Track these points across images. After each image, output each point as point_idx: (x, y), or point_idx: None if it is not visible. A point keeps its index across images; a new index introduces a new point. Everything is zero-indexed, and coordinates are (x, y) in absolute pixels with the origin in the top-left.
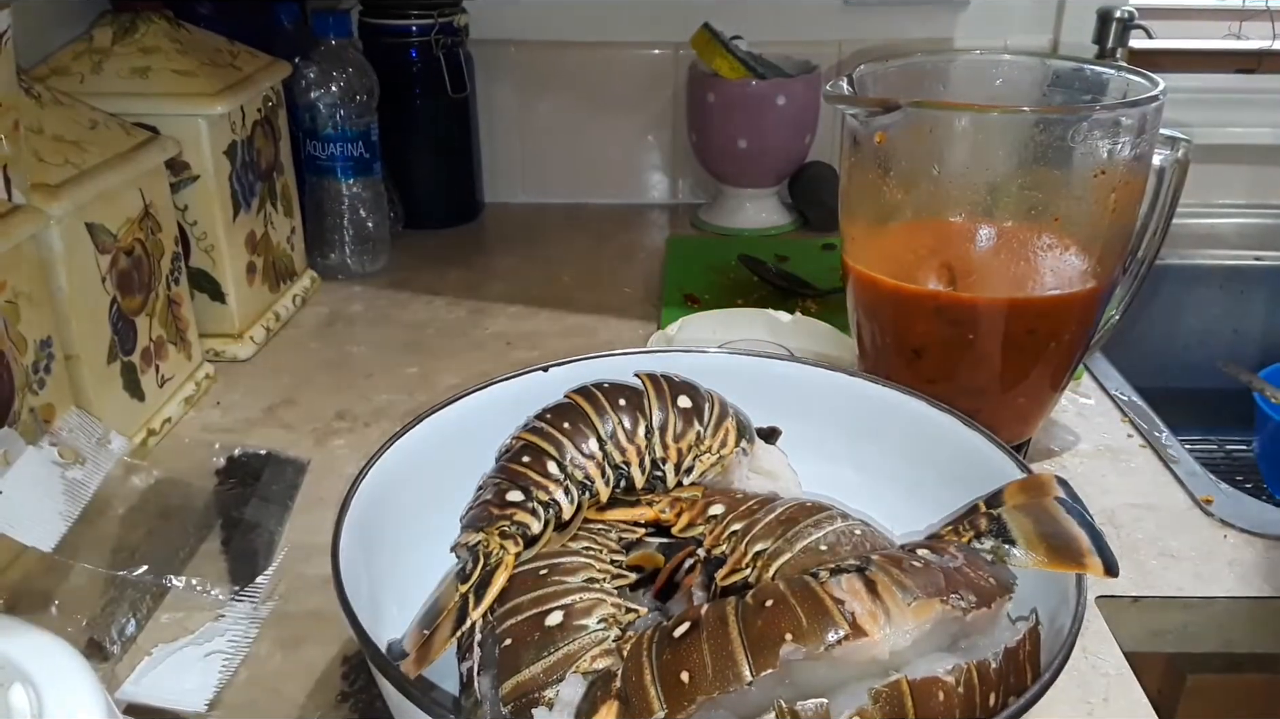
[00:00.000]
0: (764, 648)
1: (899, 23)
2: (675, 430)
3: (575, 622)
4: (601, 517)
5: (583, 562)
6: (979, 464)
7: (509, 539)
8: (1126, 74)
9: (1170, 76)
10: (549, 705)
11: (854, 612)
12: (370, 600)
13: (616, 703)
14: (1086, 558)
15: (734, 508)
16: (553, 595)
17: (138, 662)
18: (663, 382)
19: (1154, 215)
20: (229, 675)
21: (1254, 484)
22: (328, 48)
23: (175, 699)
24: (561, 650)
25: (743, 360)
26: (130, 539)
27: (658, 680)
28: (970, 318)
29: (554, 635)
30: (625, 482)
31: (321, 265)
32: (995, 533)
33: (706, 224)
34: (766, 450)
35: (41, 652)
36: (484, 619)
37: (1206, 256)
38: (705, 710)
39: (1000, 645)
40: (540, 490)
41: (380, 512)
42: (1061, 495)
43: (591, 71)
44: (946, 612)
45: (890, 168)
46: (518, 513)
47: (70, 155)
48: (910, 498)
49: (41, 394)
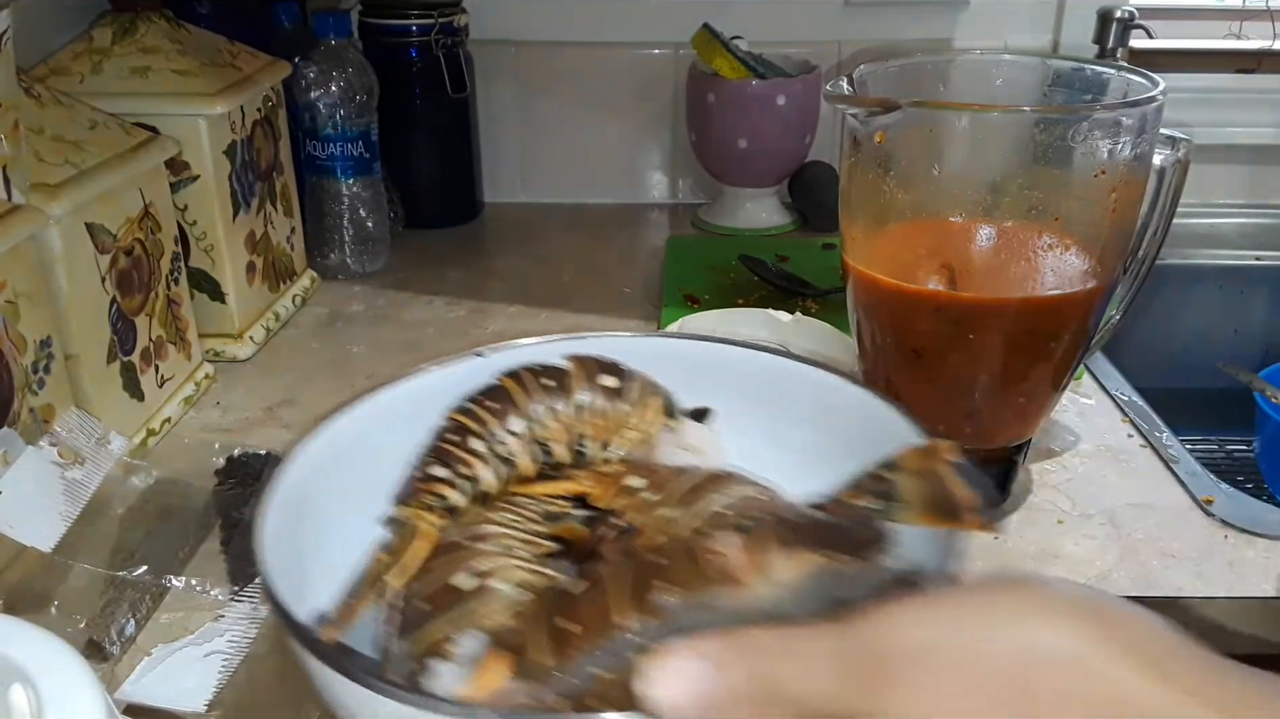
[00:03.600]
0: (642, 597)
1: (899, 23)
2: (599, 409)
3: (485, 583)
4: (527, 490)
5: (501, 531)
6: (888, 433)
7: (431, 511)
8: (1126, 74)
9: (1170, 76)
10: (449, 658)
11: (734, 564)
12: (301, 576)
13: (509, 654)
14: (965, 515)
15: (651, 480)
16: (465, 561)
17: (137, 662)
18: (588, 363)
19: (1154, 215)
20: (228, 676)
21: (1254, 484)
22: (328, 48)
23: (175, 700)
24: (469, 610)
25: (668, 342)
26: (130, 539)
27: (549, 634)
28: (970, 318)
29: (463, 597)
30: (550, 458)
31: (321, 265)
32: (884, 494)
33: (706, 224)
34: (693, 428)
35: (41, 652)
36: (404, 586)
37: (1206, 256)
38: (587, 657)
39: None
40: (464, 466)
41: (316, 492)
42: (955, 459)
43: (591, 71)
44: (822, 563)
45: (890, 168)
46: (441, 487)
47: (70, 155)
48: (824, 468)
49: (41, 394)
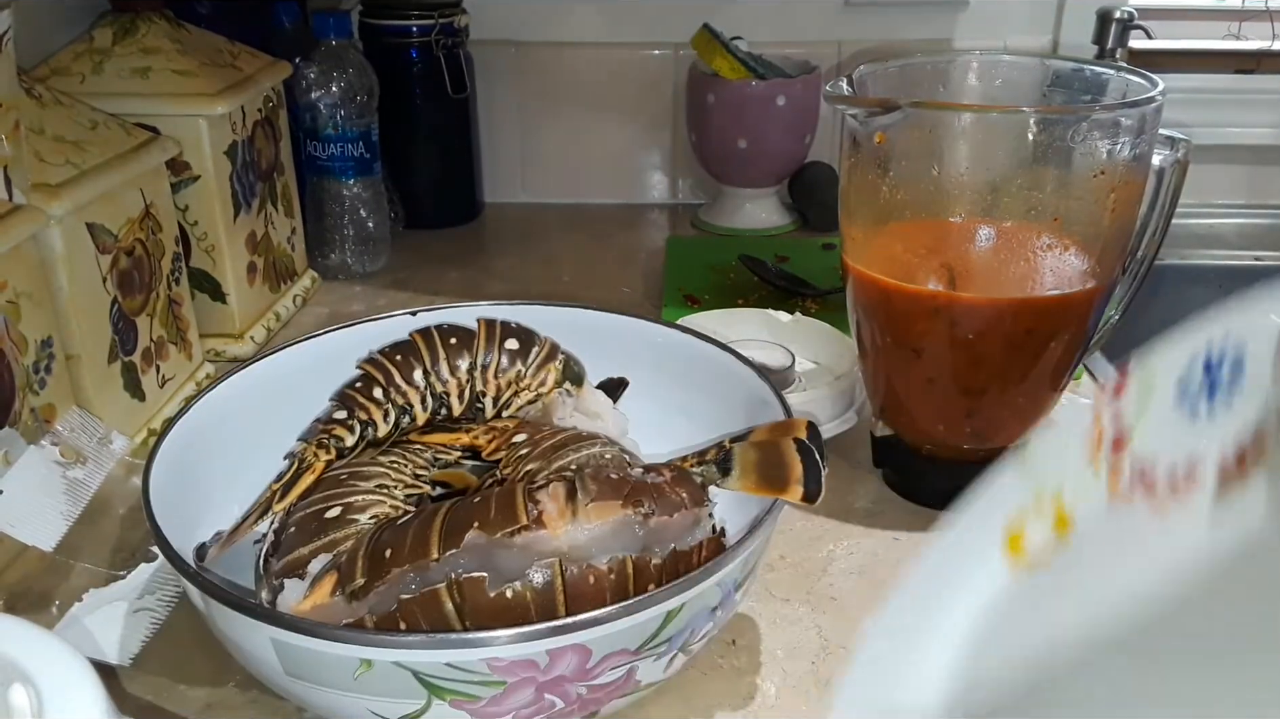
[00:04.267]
0: (454, 533)
1: (899, 23)
2: (498, 368)
3: (350, 515)
4: (422, 439)
5: (381, 471)
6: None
7: (324, 449)
8: (1126, 74)
9: (1170, 76)
10: (303, 577)
11: (544, 510)
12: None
13: (335, 574)
14: (790, 487)
15: (530, 437)
16: (340, 494)
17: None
18: (496, 326)
19: (1154, 215)
20: (155, 630)
21: None
22: (328, 48)
23: (100, 651)
24: (330, 537)
25: (585, 314)
26: (131, 539)
27: (368, 556)
28: (970, 318)
29: (328, 525)
30: (445, 410)
31: (322, 265)
32: (718, 462)
33: (706, 224)
34: (593, 394)
35: (41, 652)
36: (286, 512)
37: (1206, 256)
38: (398, 584)
39: (670, 548)
40: (361, 411)
41: (226, 433)
42: (801, 437)
43: (591, 71)
44: (627, 515)
45: (890, 168)
46: (336, 428)
47: (71, 155)
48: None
49: (42, 394)
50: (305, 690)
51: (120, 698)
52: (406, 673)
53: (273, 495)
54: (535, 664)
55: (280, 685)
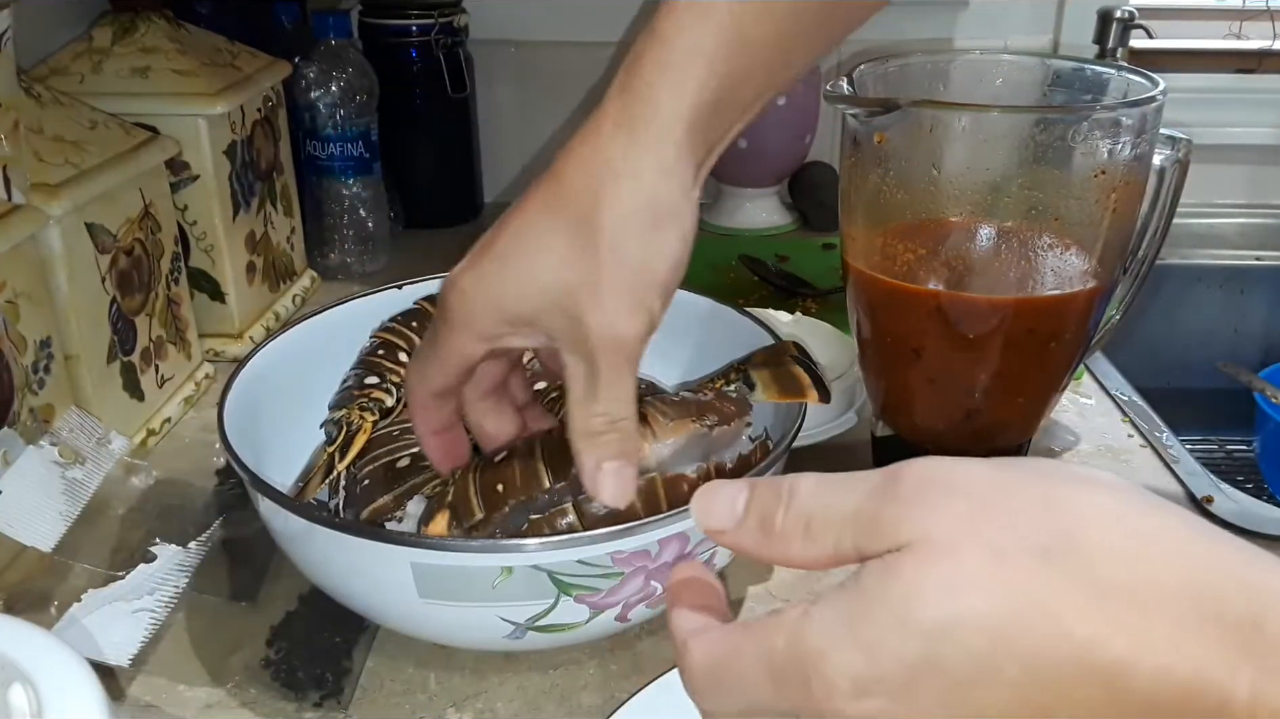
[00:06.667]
0: (559, 464)
1: (899, 23)
2: None
3: (421, 463)
4: None
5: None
6: (751, 342)
7: (367, 411)
8: (1126, 74)
9: (1170, 76)
10: (399, 520)
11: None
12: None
13: (447, 511)
14: (806, 391)
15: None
16: (402, 447)
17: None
18: None
19: (1154, 215)
20: (155, 631)
21: (1254, 484)
22: (328, 48)
23: (100, 652)
24: (409, 484)
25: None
26: (130, 539)
27: (479, 492)
28: (970, 318)
29: (403, 474)
30: None
31: (321, 265)
32: (741, 380)
33: (706, 224)
34: None
35: (41, 652)
36: (347, 471)
37: (1206, 256)
38: (515, 512)
39: (737, 454)
40: (393, 374)
41: (263, 398)
42: (795, 354)
43: (591, 71)
44: (697, 429)
45: (890, 168)
46: (374, 392)
47: (70, 155)
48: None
49: (41, 394)
50: (437, 610)
51: (119, 698)
52: (543, 574)
53: (332, 457)
54: (648, 554)
55: (402, 613)
